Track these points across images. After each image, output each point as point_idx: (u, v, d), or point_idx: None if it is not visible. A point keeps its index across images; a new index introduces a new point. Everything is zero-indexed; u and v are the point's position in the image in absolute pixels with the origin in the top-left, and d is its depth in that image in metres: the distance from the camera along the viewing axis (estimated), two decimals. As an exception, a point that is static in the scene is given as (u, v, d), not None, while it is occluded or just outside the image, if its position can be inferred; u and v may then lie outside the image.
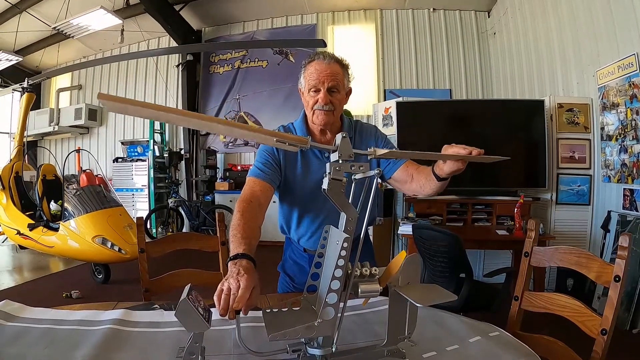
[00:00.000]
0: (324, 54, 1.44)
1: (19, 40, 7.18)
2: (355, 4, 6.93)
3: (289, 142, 0.86)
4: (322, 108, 1.40)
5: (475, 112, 4.40)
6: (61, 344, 1.04)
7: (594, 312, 1.14)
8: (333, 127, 1.51)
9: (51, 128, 8.20)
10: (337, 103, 1.43)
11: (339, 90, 1.42)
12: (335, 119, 1.47)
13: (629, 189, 3.35)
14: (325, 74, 1.39)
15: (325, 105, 1.40)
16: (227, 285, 0.92)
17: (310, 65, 1.43)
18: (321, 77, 1.39)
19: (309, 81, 1.42)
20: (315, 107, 1.42)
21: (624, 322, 3.03)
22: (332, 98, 1.41)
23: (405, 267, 0.92)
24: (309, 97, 1.43)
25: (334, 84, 1.40)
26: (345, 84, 1.45)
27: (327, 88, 1.39)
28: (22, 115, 5.39)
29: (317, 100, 1.41)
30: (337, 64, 1.42)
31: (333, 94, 1.41)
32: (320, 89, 1.40)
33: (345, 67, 1.46)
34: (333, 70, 1.40)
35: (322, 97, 1.39)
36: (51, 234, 4.60)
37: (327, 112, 1.41)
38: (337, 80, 1.40)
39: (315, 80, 1.40)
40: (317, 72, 1.40)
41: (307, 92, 1.44)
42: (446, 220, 4.05)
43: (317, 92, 1.41)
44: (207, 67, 7.75)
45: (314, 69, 1.41)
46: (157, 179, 7.49)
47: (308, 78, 1.42)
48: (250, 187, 1.41)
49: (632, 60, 3.21)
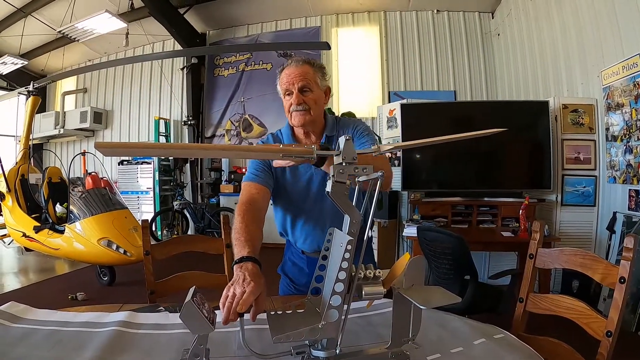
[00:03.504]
0: (294, 59, 1.48)
1: (24, 44, 7.24)
2: (359, 6, 6.93)
3: (295, 155, 0.86)
4: (297, 109, 1.44)
5: (480, 113, 4.40)
6: (66, 345, 1.05)
7: (599, 314, 1.14)
8: (316, 129, 1.54)
9: (57, 131, 8.26)
10: (311, 102, 1.45)
11: (311, 89, 1.45)
12: (313, 118, 1.48)
13: (634, 189, 3.32)
14: (295, 74, 1.43)
15: (299, 105, 1.43)
16: (232, 292, 0.92)
17: (282, 72, 1.48)
18: (291, 80, 1.43)
19: (282, 85, 1.47)
20: (291, 109, 1.45)
21: (630, 323, 3.01)
22: (305, 98, 1.44)
23: (409, 269, 0.92)
24: (285, 101, 1.48)
25: (305, 83, 1.43)
26: (318, 83, 1.48)
27: (299, 88, 1.43)
28: (28, 119, 5.43)
29: (291, 103, 1.44)
30: (306, 65, 1.46)
31: (305, 93, 1.44)
32: (292, 91, 1.43)
33: (318, 67, 1.49)
34: (302, 71, 1.44)
35: (294, 98, 1.43)
36: (57, 237, 4.62)
37: (302, 112, 1.44)
38: (307, 80, 1.44)
39: (287, 84, 1.44)
40: (287, 75, 1.45)
41: (283, 97, 1.49)
42: (451, 222, 4.03)
43: (290, 94, 1.45)
44: (212, 70, 7.78)
45: (284, 74, 1.46)
46: (162, 181, 7.52)
47: (281, 83, 1.48)
48: (248, 191, 1.44)
49: (636, 60, 3.19)
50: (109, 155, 0.69)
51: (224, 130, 7.65)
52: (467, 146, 3.94)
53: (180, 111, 7.90)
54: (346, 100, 6.69)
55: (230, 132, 7.62)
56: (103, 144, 0.64)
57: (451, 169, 4.19)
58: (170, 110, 8.06)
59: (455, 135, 0.96)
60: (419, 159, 4.30)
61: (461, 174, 4.17)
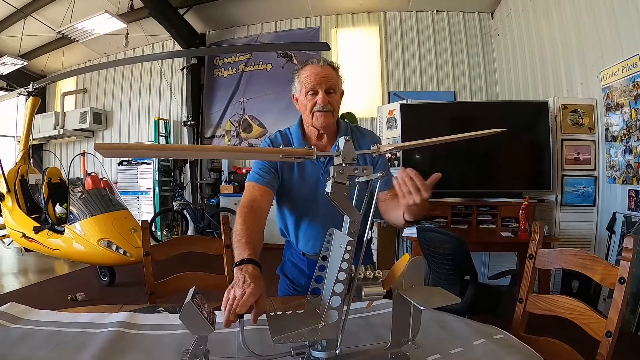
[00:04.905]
0: (317, 58, 1.46)
1: (24, 45, 7.24)
2: (358, 7, 6.93)
3: (295, 156, 0.86)
4: (322, 109, 1.42)
5: (480, 114, 4.40)
6: (66, 346, 1.05)
7: (599, 315, 1.14)
8: (329, 131, 1.53)
9: (56, 131, 8.26)
10: (334, 104, 1.45)
11: (335, 92, 1.45)
12: (333, 120, 1.48)
13: (634, 190, 3.32)
14: (322, 75, 1.41)
15: (325, 106, 1.42)
16: (232, 294, 0.92)
17: (305, 70, 1.45)
18: (318, 79, 1.41)
19: (305, 85, 1.43)
20: (314, 109, 1.43)
21: (629, 324, 3.01)
22: (329, 99, 1.43)
23: (409, 269, 0.92)
24: (307, 100, 1.44)
25: (331, 84, 1.43)
26: (339, 86, 1.48)
27: (325, 89, 1.42)
28: (28, 119, 5.43)
29: (315, 103, 1.42)
30: (329, 67, 1.45)
31: (330, 95, 1.43)
32: (319, 91, 1.41)
33: (337, 70, 1.49)
34: (328, 72, 1.43)
35: (321, 98, 1.41)
36: (56, 237, 4.62)
37: (326, 113, 1.43)
38: (332, 82, 1.43)
39: (313, 83, 1.41)
40: (314, 74, 1.42)
41: (304, 96, 1.45)
42: (451, 222, 4.03)
43: (314, 94, 1.43)
44: (212, 71, 7.78)
45: (309, 72, 1.43)
46: (162, 182, 7.52)
47: (304, 82, 1.44)
48: (250, 193, 1.43)
49: (636, 61, 3.20)
50: (108, 157, 0.69)
51: (223, 130, 7.65)
52: (467, 146, 3.94)
53: (180, 112, 7.90)
54: (346, 100, 6.60)
55: (230, 133, 7.62)
56: (102, 145, 0.64)
57: (451, 169, 4.18)
58: (170, 110, 8.06)
59: (455, 136, 0.96)
60: (418, 159, 4.30)
61: (461, 175, 4.17)
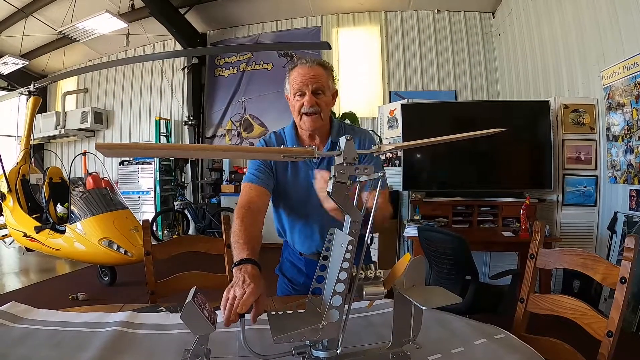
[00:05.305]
0: (306, 59, 1.46)
1: (25, 44, 7.25)
2: (359, 6, 6.93)
3: (296, 155, 0.86)
4: (309, 110, 1.42)
5: (481, 113, 4.39)
6: (67, 345, 1.05)
7: (600, 314, 1.14)
8: (322, 131, 1.53)
9: (57, 131, 8.27)
10: (323, 105, 1.44)
11: (323, 92, 1.44)
12: (322, 122, 1.48)
13: (635, 189, 3.32)
14: (309, 76, 1.41)
15: (311, 107, 1.41)
16: (232, 294, 0.93)
17: (294, 71, 1.45)
18: (305, 80, 1.41)
19: (293, 85, 1.44)
20: (302, 110, 1.43)
21: (631, 324, 3.00)
22: (317, 100, 1.43)
23: (410, 269, 0.92)
24: (295, 101, 1.45)
25: (318, 85, 1.42)
26: (329, 86, 1.47)
27: (312, 90, 1.41)
28: (29, 119, 5.43)
29: (302, 104, 1.42)
30: (319, 67, 1.44)
31: (318, 96, 1.43)
32: (305, 92, 1.41)
33: (329, 69, 1.48)
34: (316, 72, 1.42)
35: (307, 100, 1.41)
36: (58, 237, 4.62)
37: (314, 117, 1.43)
38: (320, 82, 1.42)
39: (300, 84, 1.42)
40: (301, 75, 1.42)
41: (293, 97, 1.46)
42: (452, 222, 4.03)
43: (302, 95, 1.43)
44: (213, 70, 7.78)
45: (297, 73, 1.43)
46: (163, 181, 7.54)
47: (292, 83, 1.44)
48: (247, 193, 1.43)
49: (637, 60, 3.19)
50: (109, 156, 0.69)
51: (224, 130, 7.65)
52: (468, 146, 3.94)
53: (181, 111, 7.90)
54: (347, 100, 6.65)
55: (231, 132, 7.62)
56: (103, 145, 0.64)
57: (452, 168, 4.18)
58: (171, 110, 8.07)
59: (456, 135, 0.96)
60: (419, 158, 4.30)
61: (462, 174, 4.17)
